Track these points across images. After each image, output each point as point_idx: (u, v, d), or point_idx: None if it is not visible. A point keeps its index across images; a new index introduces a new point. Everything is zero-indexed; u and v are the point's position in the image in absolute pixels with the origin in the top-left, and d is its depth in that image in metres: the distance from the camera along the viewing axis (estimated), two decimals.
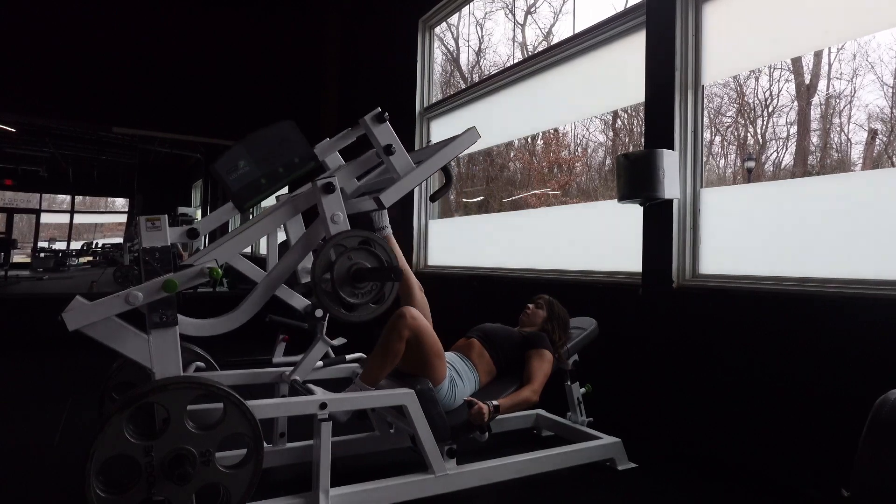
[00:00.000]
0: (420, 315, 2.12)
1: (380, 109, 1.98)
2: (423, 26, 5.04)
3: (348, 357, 2.49)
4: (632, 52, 3.01)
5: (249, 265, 2.25)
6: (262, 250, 3.61)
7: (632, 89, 2.99)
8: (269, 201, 2.31)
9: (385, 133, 1.98)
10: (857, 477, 1.24)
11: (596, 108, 3.96)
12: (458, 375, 2.24)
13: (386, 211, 2.17)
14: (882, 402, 1.26)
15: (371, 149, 2.08)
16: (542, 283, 3.39)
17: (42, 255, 15.10)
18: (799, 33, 2.41)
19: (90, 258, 17.98)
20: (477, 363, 2.33)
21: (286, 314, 2.45)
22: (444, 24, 5.21)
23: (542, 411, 2.80)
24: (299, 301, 2.19)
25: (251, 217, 2.88)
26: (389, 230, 2.34)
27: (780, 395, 2.22)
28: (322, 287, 1.73)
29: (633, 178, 2.61)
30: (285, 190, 2.16)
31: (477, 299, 3.99)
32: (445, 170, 2.13)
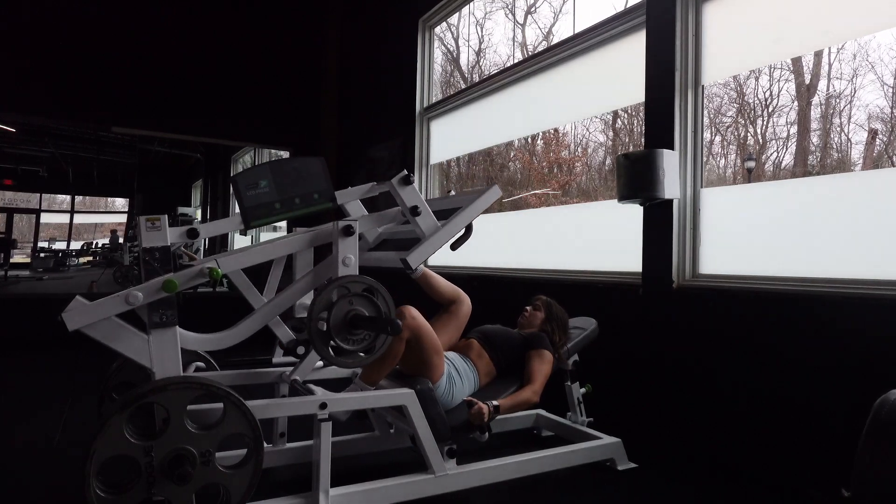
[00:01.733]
0: (419, 314, 2.12)
1: (406, 172, 2.02)
2: (423, 26, 5.04)
3: None
4: (632, 52, 3.01)
5: (248, 285, 2.28)
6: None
7: (632, 89, 2.99)
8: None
9: (411, 195, 2.01)
10: (857, 477, 1.24)
11: (596, 108, 3.96)
12: (457, 373, 2.24)
13: None
14: (882, 402, 1.26)
15: (395, 205, 2.12)
16: (542, 283, 3.39)
17: (42, 255, 15.10)
18: (799, 33, 2.41)
19: (90, 258, 17.98)
20: (476, 363, 2.34)
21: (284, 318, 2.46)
22: (444, 24, 5.21)
23: (542, 411, 2.80)
24: (284, 333, 2.22)
25: (251, 237, 2.92)
26: (421, 270, 2.37)
27: (780, 394, 2.22)
28: (317, 326, 1.72)
29: (633, 178, 2.61)
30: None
31: (477, 299, 3.98)
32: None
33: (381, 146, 5.42)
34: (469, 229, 2.09)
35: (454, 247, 2.11)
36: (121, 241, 16.56)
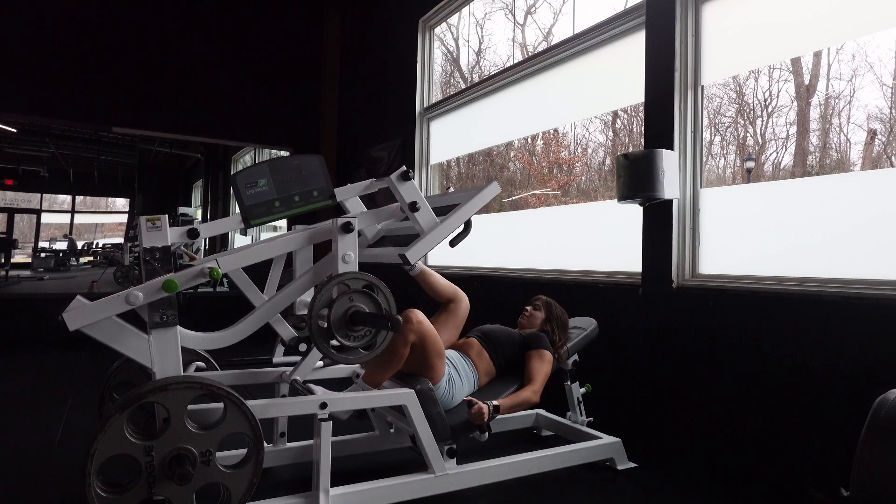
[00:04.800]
0: (425, 318, 2.12)
1: (405, 168, 2.02)
2: (423, 26, 5.04)
3: None
4: (631, 53, 3.01)
5: (249, 283, 2.28)
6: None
7: (632, 89, 2.99)
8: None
9: (410, 190, 2.01)
10: (856, 476, 1.24)
11: (596, 108, 3.96)
12: (457, 373, 2.24)
13: None
14: (881, 401, 1.26)
15: (394, 202, 2.12)
16: (542, 283, 3.40)
17: (43, 255, 15.11)
18: (798, 33, 2.41)
19: (90, 258, 17.97)
20: (476, 363, 2.34)
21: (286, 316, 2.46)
22: (444, 24, 5.21)
23: (542, 411, 2.81)
24: (286, 330, 2.22)
25: (251, 236, 2.93)
26: (419, 266, 2.37)
27: (779, 394, 2.22)
28: (317, 323, 1.73)
29: (633, 178, 2.61)
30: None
31: (477, 299, 3.98)
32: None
33: (381, 146, 5.42)
34: (468, 226, 2.09)
35: (453, 243, 2.11)
36: (79, 245, 16.65)
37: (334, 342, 1.73)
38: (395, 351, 2.05)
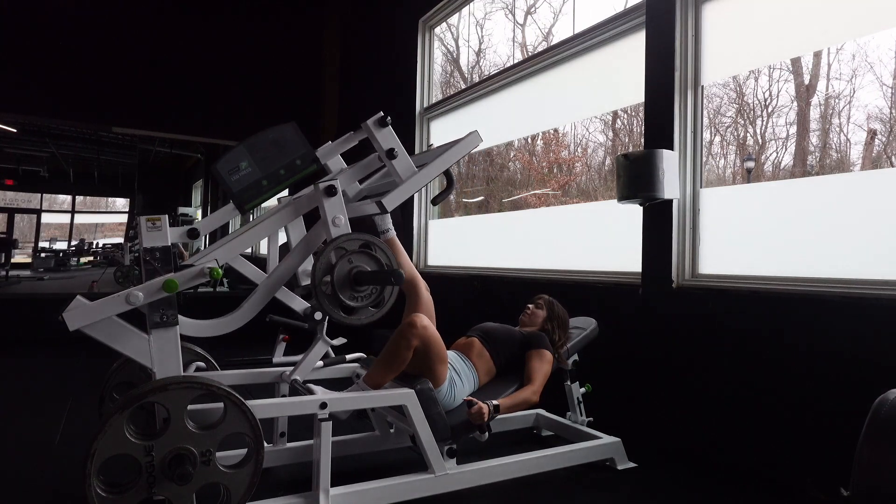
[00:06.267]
0: (430, 324, 2.11)
1: (382, 113, 1.98)
2: (423, 26, 5.04)
3: (348, 357, 2.49)
4: (632, 52, 3.01)
5: (250, 267, 2.25)
6: (263, 250, 3.62)
7: (632, 89, 3.00)
8: (270, 202, 2.32)
9: (387, 137, 1.98)
10: (856, 476, 1.24)
11: (596, 108, 3.96)
12: (458, 375, 2.24)
13: (389, 214, 2.16)
14: (881, 401, 1.26)
15: (373, 152, 2.08)
16: (542, 283, 3.40)
17: (43, 255, 15.12)
18: (798, 33, 2.41)
19: (90, 258, 17.98)
20: (476, 363, 2.34)
21: (286, 314, 2.45)
22: (444, 24, 5.21)
23: (542, 411, 2.81)
24: (299, 303, 2.19)
25: (251, 218, 2.89)
26: (393, 232, 2.34)
27: (779, 394, 2.22)
28: (322, 290, 1.73)
29: (633, 178, 2.61)
30: (286, 192, 2.16)
31: (477, 299, 3.99)
32: (447, 173, 2.13)
33: None
34: (451, 181, 2.06)
35: (436, 201, 2.09)
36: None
37: (342, 305, 1.73)
38: (399, 354, 2.05)
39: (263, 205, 2.18)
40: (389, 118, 2.00)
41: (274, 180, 1.89)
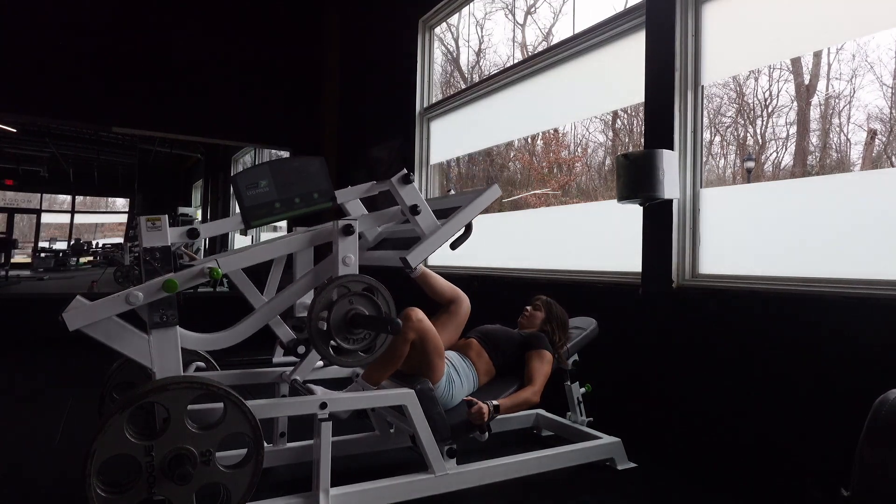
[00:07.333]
0: (425, 317, 2.12)
1: (406, 171, 2.03)
2: (423, 26, 5.04)
3: None
4: (632, 53, 3.01)
5: (249, 285, 2.27)
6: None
7: (632, 89, 2.99)
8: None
9: (411, 193, 2.02)
10: (856, 476, 1.24)
11: (596, 108, 3.96)
12: (457, 372, 2.24)
13: None
14: (881, 401, 1.26)
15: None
16: (542, 283, 3.40)
17: (43, 255, 15.13)
18: (798, 33, 2.41)
19: (90, 258, 17.99)
20: (476, 363, 2.34)
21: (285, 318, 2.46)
22: (444, 24, 5.21)
23: (542, 411, 2.81)
24: (285, 332, 2.20)
25: (252, 237, 2.91)
26: (421, 267, 2.37)
27: (779, 394, 2.22)
28: (317, 325, 1.72)
29: (633, 178, 2.61)
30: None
31: (477, 299, 3.98)
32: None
33: (382, 146, 5.42)
34: (469, 228, 2.09)
35: (454, 246, 2.11)
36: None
37: (333, 344, 1.73)
38: (395, 349, 2.05)
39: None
40: (413, 175, 2.05)
41: (287, 206, 1.90)
